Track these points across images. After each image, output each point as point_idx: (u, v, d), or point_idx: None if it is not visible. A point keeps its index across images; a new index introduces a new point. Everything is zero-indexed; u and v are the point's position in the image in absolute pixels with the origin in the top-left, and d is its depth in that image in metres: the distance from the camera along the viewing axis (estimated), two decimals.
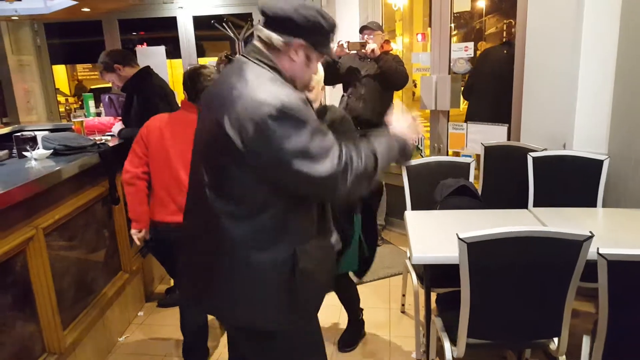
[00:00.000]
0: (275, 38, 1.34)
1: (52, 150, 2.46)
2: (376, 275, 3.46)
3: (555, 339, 1.93)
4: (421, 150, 4.07)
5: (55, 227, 2.23)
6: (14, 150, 3.07)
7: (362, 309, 2.72)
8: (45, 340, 2.14)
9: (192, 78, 2.24)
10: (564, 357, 1.92)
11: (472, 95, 4.19)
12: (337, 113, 2.38)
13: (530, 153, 2.82)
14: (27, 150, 2.42)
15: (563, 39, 2.93)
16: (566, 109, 2.95)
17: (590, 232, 1.67)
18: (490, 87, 3.93)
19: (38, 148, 2.49)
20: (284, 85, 1.34)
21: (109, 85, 3.34)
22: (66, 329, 2.30)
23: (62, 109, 5.75)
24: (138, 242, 2.33)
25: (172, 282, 3.35)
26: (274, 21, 1.35)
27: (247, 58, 1.38)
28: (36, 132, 2.68)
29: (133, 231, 2.31)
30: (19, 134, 2.90)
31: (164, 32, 5.58)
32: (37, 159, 2.32)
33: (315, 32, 1.36)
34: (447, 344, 1.97)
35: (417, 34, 7.10)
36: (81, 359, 2.39)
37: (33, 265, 2.06)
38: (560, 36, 2.95)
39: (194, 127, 1.52)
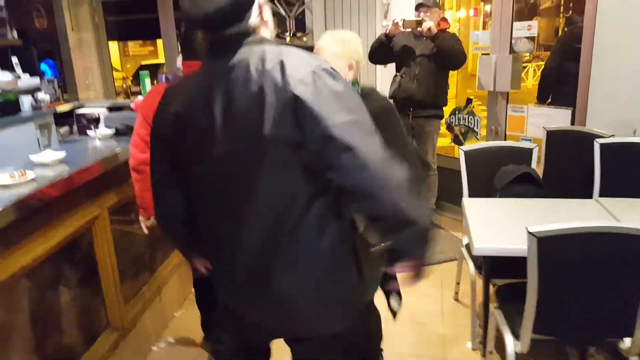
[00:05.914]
0: None
1: (114, 130, 2.51)
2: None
3: (627, 339, 1.84)
4: (477, 132, 3.94)
5: (118, 207, 2.29)
6: (74, 127, 3.16)
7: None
8: (108, 315, 2.22)
9: None
10: (637, 357, 1.83)
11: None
12: (379, 103, 1.79)
13: (597, 139, 2.66)
14: (91, 129, 2.47)
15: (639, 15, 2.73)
16: (638, 92, 2.77)
17: None
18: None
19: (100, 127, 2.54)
20: None
21: (161, 62, 3.34)
22: (127, 304, 2.38)
23: (118, 85, 5.86)
24: (146, 231, 2.22)
25: None
26: None
27: None
28: (98, 111, 2.73)
29: (141, 218, 2.20)
30: (80, 111, 2.98)
31: None
32: (101, 139, 2.37)
33: None
34: (509, 339, 1.91)
35: (469, 9, 6.85)
36: (141, 333, 2.47)
37: (98, 243, 2.12)
38: (636, 13, 2.74)
39: None
